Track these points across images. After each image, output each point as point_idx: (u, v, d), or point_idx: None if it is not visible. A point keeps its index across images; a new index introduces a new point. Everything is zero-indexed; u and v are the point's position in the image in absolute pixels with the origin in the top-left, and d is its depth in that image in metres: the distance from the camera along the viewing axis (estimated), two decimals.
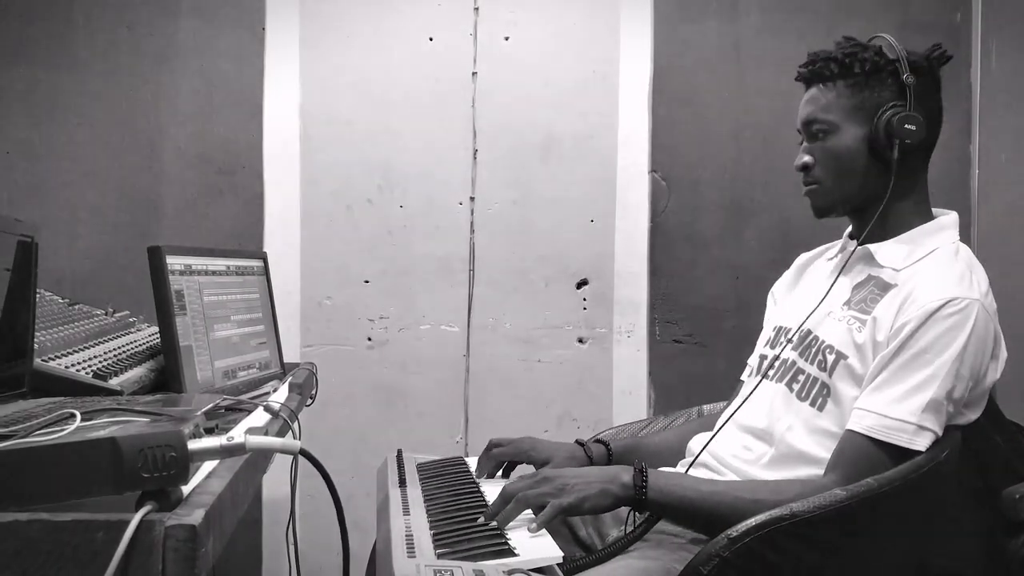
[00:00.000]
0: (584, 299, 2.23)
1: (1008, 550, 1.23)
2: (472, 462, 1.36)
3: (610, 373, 2.23)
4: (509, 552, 0.94)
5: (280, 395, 1.31)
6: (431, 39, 2.20)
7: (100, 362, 1.20)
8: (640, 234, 2.23)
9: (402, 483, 1.23)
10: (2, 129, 2.10)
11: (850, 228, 1.31)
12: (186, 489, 0.72)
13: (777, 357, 1.28)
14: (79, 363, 1.16)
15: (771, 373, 1.28)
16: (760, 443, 1.23)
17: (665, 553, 1.13)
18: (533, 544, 0.98)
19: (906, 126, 1.16)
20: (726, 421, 1.29)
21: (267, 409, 1.11)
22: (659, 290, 2.24)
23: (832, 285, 1.24)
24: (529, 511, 1.05)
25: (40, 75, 2.11)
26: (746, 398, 1.28)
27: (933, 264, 1.16)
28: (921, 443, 1.07)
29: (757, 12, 2.24)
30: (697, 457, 1.28)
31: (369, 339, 2.20)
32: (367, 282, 2.20)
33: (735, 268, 2.23)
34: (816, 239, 1.46)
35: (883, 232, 1.23)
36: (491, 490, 1.17)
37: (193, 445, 0.70)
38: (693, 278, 2.24)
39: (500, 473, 1.33)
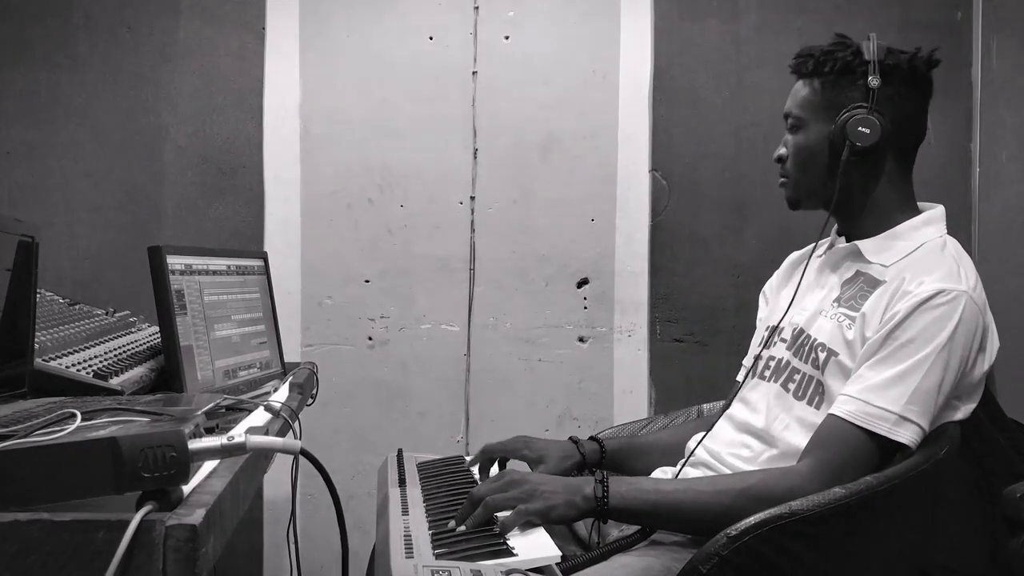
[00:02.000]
0: (584, 298, 2.23)
1: (1009, 548, 1.23)
2: None
3: (611, 372, 2.23)
4: (507, 552, 0.94)
5: (281, 395, 1.31)
6: (431, 38, 2.20)
7: (100, 362, 1.20)
8: (640, 233, 2.23)
9: (402, 483, 1.23)
10: (2, 129, 2.10)
11: (837, 225, 1.33)
12: (187, 489, 0.72)
13: (772, 357, 1.29)
14: (79, 363, 1.16)
15: (767, 373, 1.28)
16: (758, 443, 1.23)
17: (665, 552, 1.13)
18: (531, 544, 0.98)
19: (859, 129, 1.17)
20: (718, 417, 1.30)
21: (268, 409, 1.11)
22: (660, 289, 2.24)
23: (801, 278, 1.27)
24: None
25: (40, 75, 2.11)
26: (734, 393, 1.29)
27: (921, 258, 1.17)
28: (904, 434, 1.07)
29: (757, 11, 2.24)
30: (692, 454, 1.29)
31: (370, 338, 2.21)
32: (367, 281, 2.20)
33: (736, 267, 2.23)
34: (816, 238, 1.45)
35: (868, 228, 1.24)
36: None
37: (194, 445, 0.70)
38: (694, 277, 2.24)
39: (495, 468, 1.34)
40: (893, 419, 1.07)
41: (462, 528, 1.02)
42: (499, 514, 1.04)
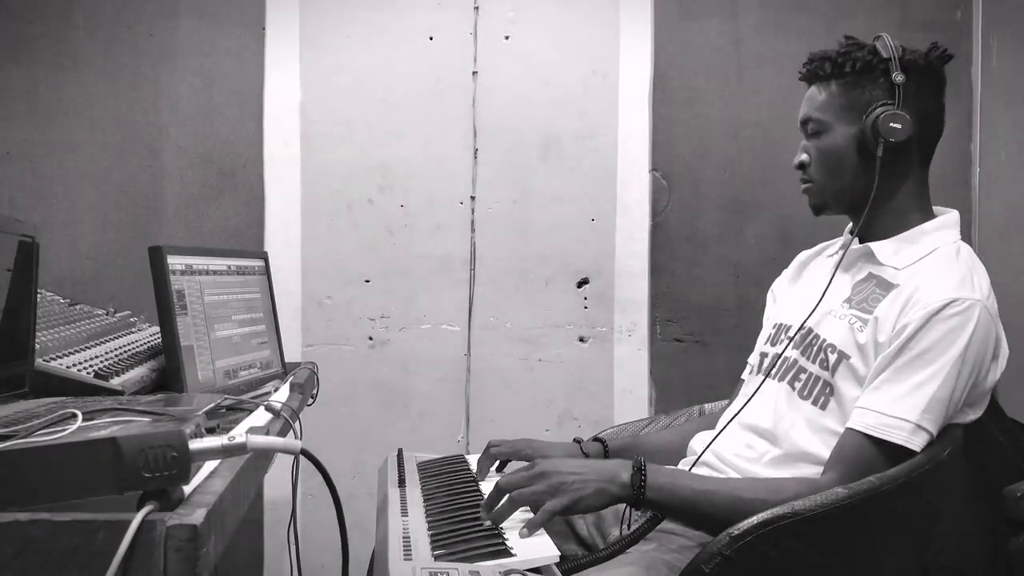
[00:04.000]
0: (585, 298, 2.23)
1: (1009, 548, 1.23)
2: (473, 460, 1.36)
3: (611, 372, 2.23)
4: (506, 552, 0.94)
5: (281, 395, 1.31)
6: (431, 39, 2.20)
7: (101, 362, 1.20)
8: (641, 233, 2.23)
9: (402, 483, 1.23)
10: (2, 129, 2.10)
11: (850, 224, 1.32)
12: (187, 489, 0.72)
13: (779, 355, 1.28)
14: (80, 363, 1.16)
15: (773, 372, 1.27)
16: (763, 442, 1.23)
17: (667, 552, 1.13)
18: (530, 544, 0.98)
19: (891, 125, 1.16)
20: (730, 420, 1.29)
21: (268, 409, 1.11)
22: (660, 289, 2.24)
23: (829, 283, 1.23)
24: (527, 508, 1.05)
25: (40, 75, 2.11)
26: (750, 398, 1.28)
27: (935, 264, 1.16)
28: (917, 443, 1.07)
29: (757, 10, 2.24)
30: (700, 456, 1.28)
31: (370, 338, 2.20)
32: (368, 281, 2.20)
33: (736, 266, 2.23)
34: (817, 237, 1.46)
35: (884, 230, 1.23)
36: (490, 488, 1.17)
37: (194, 445, 0.70)
38: (694, 277, 2.24)
39: (495, 469, 1.34)
40: (910, 428, 1.07)
41: (488, 523, 1.02)
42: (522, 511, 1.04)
